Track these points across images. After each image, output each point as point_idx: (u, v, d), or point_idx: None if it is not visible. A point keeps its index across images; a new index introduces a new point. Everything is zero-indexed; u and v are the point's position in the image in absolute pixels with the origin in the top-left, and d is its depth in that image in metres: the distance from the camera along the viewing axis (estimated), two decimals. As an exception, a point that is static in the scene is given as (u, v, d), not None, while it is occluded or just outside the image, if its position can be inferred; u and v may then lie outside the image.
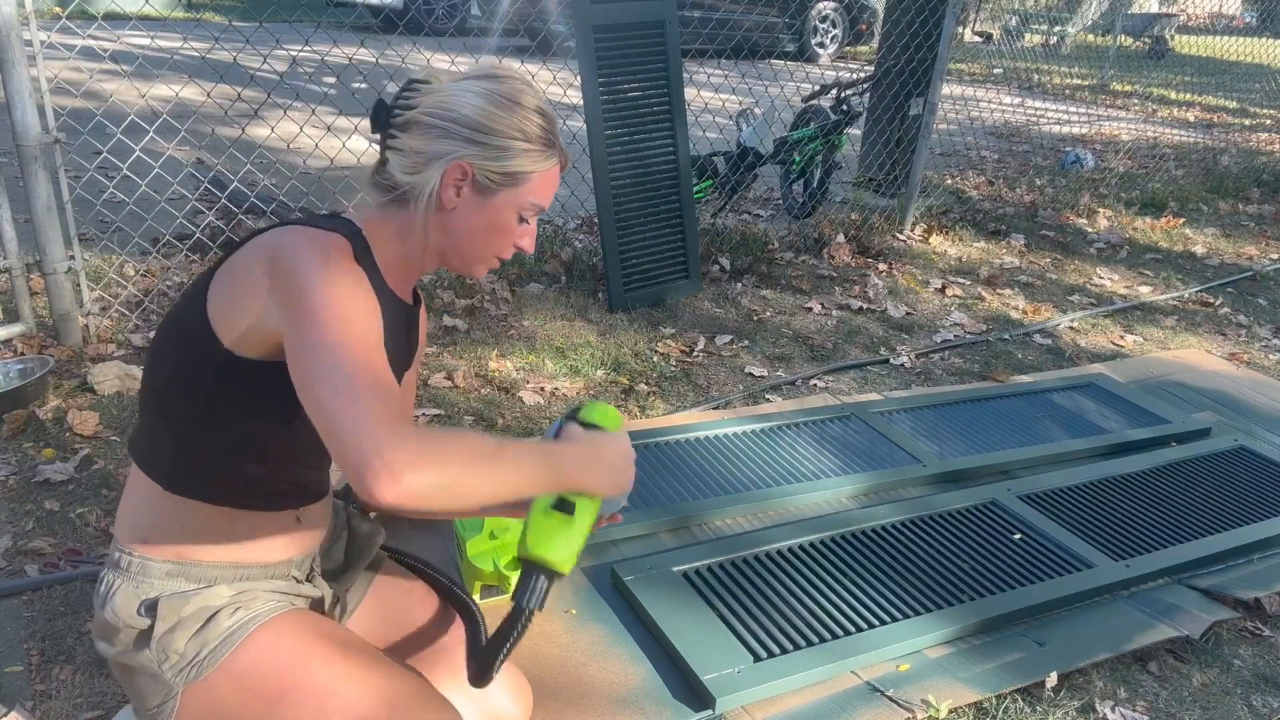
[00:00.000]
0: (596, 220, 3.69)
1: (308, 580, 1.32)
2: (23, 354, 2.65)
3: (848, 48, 10.81)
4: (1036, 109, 8.68)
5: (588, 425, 1.23)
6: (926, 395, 2.90)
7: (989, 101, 8.62)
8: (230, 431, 1.18)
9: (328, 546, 1.38)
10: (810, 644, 1.78)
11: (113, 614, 1.19)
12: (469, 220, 1.23)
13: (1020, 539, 2.18)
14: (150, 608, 1.18)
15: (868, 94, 4.85)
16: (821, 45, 10.43)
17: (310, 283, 1.07)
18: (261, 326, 1.11)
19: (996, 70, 10.80)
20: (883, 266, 4.09)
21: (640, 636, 1.81)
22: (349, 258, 1.14)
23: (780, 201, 4.84)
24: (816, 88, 4.66)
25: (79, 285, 2.79)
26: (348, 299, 1.07)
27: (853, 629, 1.84)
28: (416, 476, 0.94)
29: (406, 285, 1.32)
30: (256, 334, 1.12)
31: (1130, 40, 13.83)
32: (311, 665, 1.17)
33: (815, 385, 2.98)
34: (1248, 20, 15.60)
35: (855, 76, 4.83)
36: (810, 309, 3.58)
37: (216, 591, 1.20)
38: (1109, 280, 4.22)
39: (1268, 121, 9.09)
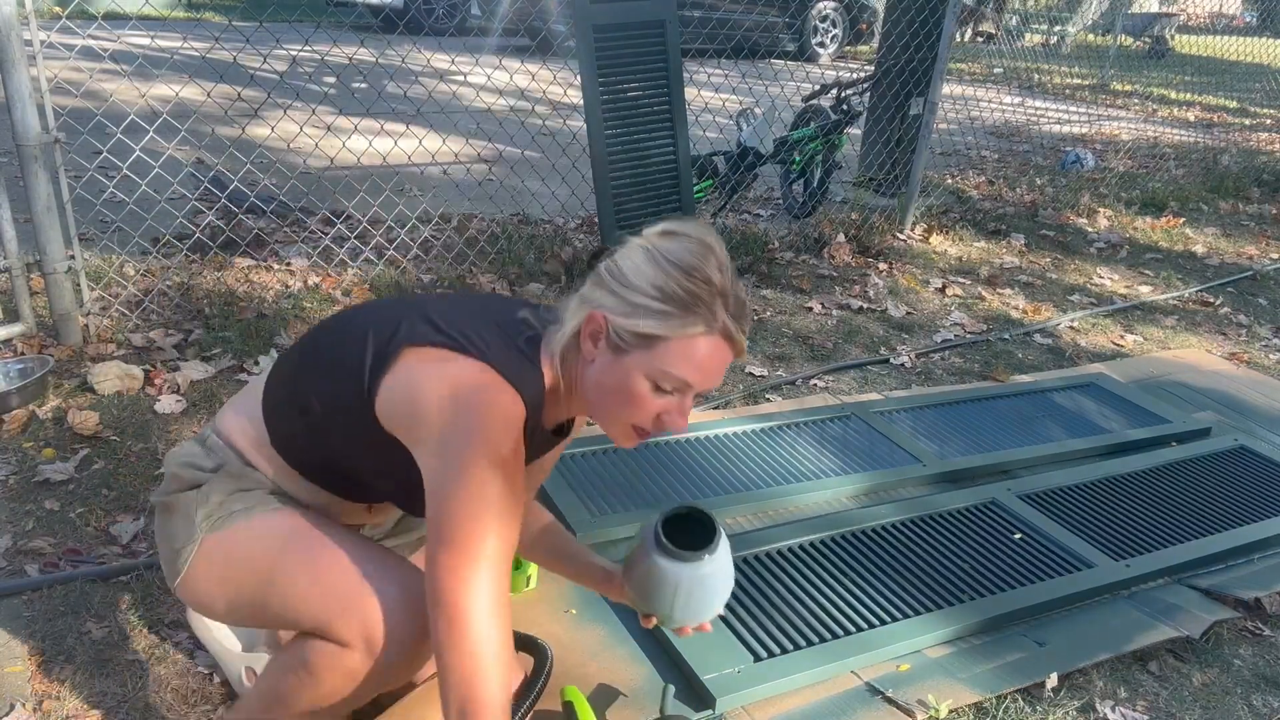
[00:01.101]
0: (596, 220, 3.69)
1: None
2: (23, 354, 2.65)
3: (848, 47, 10.81)
4: (1037, 109, 8.67)
5: (565, 703, 1.44)
6: (926, 395, 2.90)
7: (989, 101, 8.62)
8: (343, 452, 1.26)
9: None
10: (810, 644, 1.78)
11: (182, 462, 1.30)
12: (603, 378, 1.18)
13: (1020, 539, 2.18)
14: (215, 469, 1.29)
15: (868, 94, 4.85)
16: (821, 45, 10.43)
17: (472, 476, 1.10)
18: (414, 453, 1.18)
19: (997, 70, 10.80)
20: (883, 266, 4.09)
21: (640, 636, 1.81)
22: (520, 434, 1.16)
23: (780, 201, 4.84)
24: (817, 87, 4.66)
25: (79, 285, 2.79)
26: (499, 500, 1.11)
27: (853, 629, 1.83)
28: (458, 638, 1.08)
29: (556, 420, 1.32)
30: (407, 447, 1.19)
31: (1130, 40, 13.82)
32: (311, 543, 1.24)
33: (815, 385, 2.98)
34: (1248, 20, 15.60)
35: (855, 76, 4.83)
36: (810, 308, 3.58)
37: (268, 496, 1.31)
38: (1109, 280, 4.22)
39: (1268, 121, 9.09)
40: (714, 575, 1.35)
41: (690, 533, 1.37)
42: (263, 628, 1.37)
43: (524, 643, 1.57)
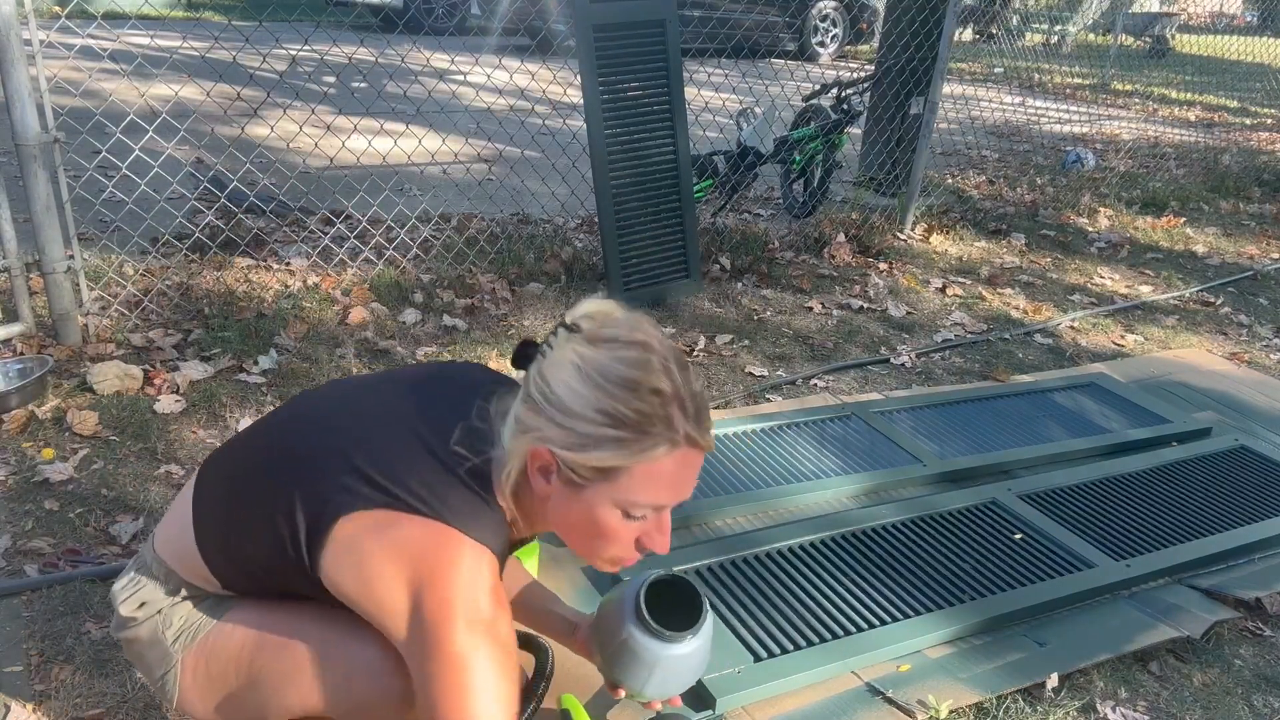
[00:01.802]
0: (596, 220, 3.69)
1: None
2: (22, 354, 2.64)
3: (848, 47, 10.81)
4: (1037, 108, 8.67)
5: (562, 710, 1.40)
6: (927, 395, 2.90)
7: (990, 101, 8.62)
8: (299, 594, 1.17)
9: None
10: (811, 644, 1.78)
11: (131, 596, 1.23)
12: (567, 515, 1.07)
13: (1021, 539, 2.17)
14: (166, 593, 1.23)
15: (868, 93, 4.85)
16: (822, 44, 10.42)
17: (451, 658, 1.00)
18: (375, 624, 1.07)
19: (997, 69, 10.80)
20: (883, 266, 4.09)
21: (640, 637, 1.81)
22: (497, 581, 1.05)
23: (780, 201, 4.84)
24: (817, 87, 4.66)
25: (78, 285, 2.78)
26: (490, 678, 1.01)
27: (853, 629, 1.83)
28: None
29: (520, 536, 1.20)
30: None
31: (1131, 39, 13.82)
32: (282, 632, 1.19)
33: (815, 385, 2.97)
34: (1248, 19, 15.59)
35: (856, 76, 4.82)
36: (811, 308, 3.58)
37: None
38: (1110, 280, 4.21)
39: (1269, 121, 9.09)
40: (695, 655, 1.28)
41: (673, 601, 1.30)
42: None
43: (524, 641, 1.56)
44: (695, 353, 3.12)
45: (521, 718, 1.33)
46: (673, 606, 1.30)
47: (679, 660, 1.26)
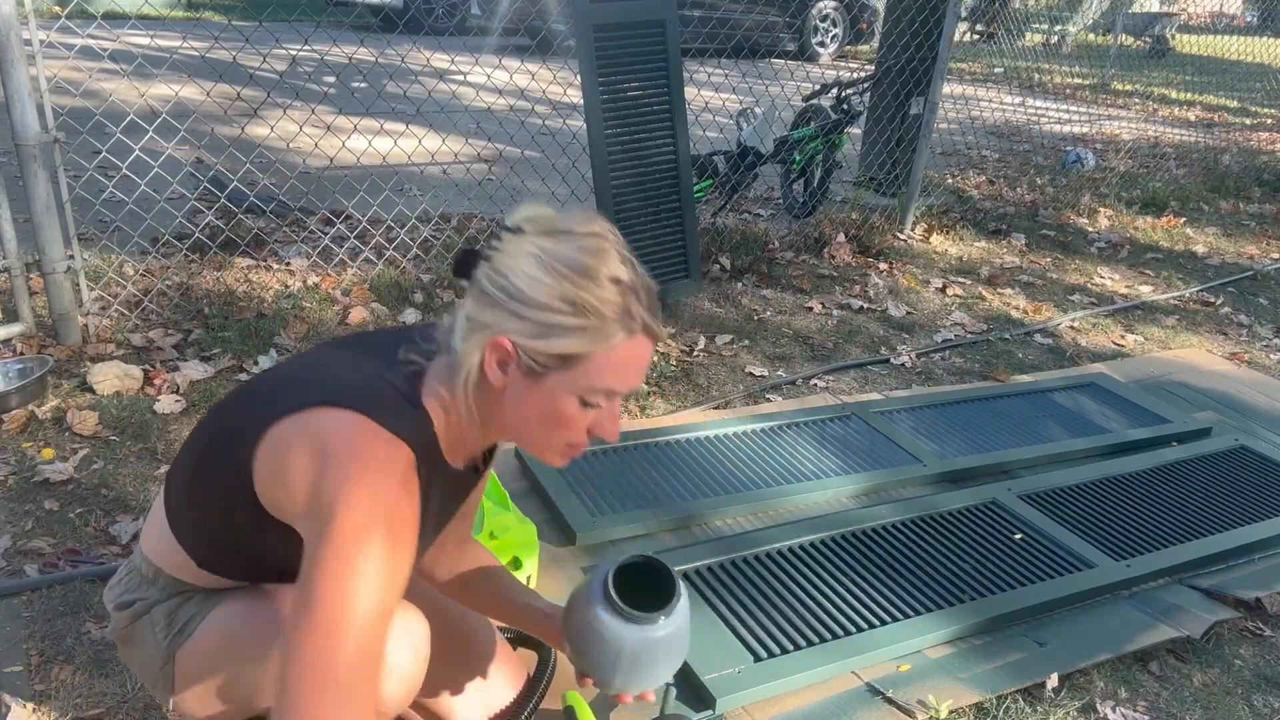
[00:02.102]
0: (596, 220, 3.68)
1: None
2: (22, 354, 2.64)
3: (848, 47, 10.81)
4: (1037, 108, 8.67)
5: (567, 707, 1.39)
6: (927, 395, 2.90)
7: (989, 101, 8.62)
8: (267, 554, 1.17)
9: None
10: (810, 644, 1.78)
11: (122, 596, 1.24)
12: (521, 406, 1.07)
13: (1021, 539, 2.17)
14: (155, 592, 1.24)
15: (868, 93, 4.85)
16: (822, 44, 10.42)
17: (342, 534, 0.97)
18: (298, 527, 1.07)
19: (997, 69, 10.80)
20: (883, 266, 4.09)
21: (640, 637, 1.81)
22: (408, 476, 1.03)
23: (780, 201, 4.84)
24: (817, 87, 4.66)
25: (78, 285, 2.78)
26: (375, 563, 0.97)
27: (853, 629, 1.83)
28: None
29: (468, 456, 1.20)
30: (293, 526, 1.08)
31: (1131, 39, 13.82)
32: (268, 601, 1.20)
33: (815, 385, 2.97)
34: (1249, 19, 15.59)
35: (856, 76, 4.82)
36: (811, 308, 3.58)
37: None
38: (1110, 280, 4.21)
39: (1269, 121, 9.09)
40: (667, 641, 1.18)
41: (647, 587, 1.21)
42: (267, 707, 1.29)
43: (527, 641, 1.56)
44: (695, 353, 3.12)
45: (525, 714, 1.33)
46: (647, 591, 1.22)
47: (649, 645, 1.17)
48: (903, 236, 4.47)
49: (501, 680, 1.40)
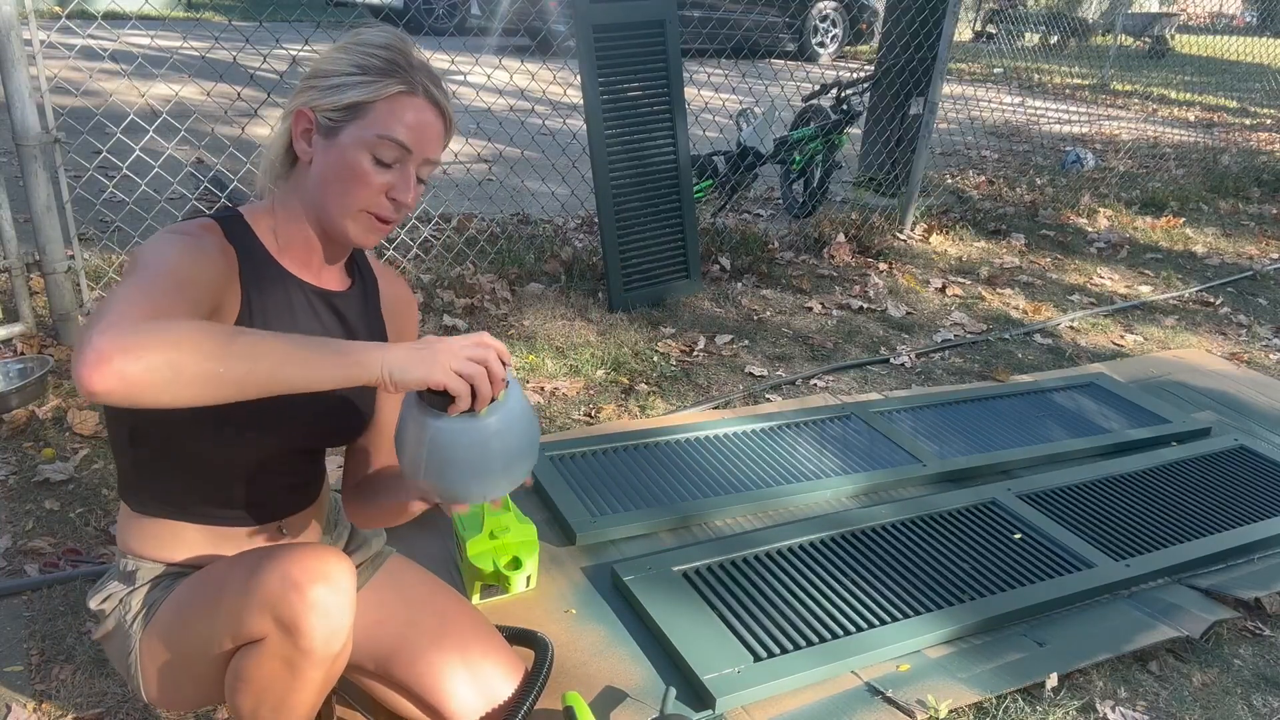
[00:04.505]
0: (596, 220, 3.69)
1: None
2: (22, 354, 2.64)
3: (848, 47, 10.81)
4: (1037, 108, 8.67)
5: (566, 707, 1.43)
6: (927, 395, 2.90)
7: (989, 101, 8.62)
8: (172, 451, 1.20)
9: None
10: (810, 644, 1.78)
11: (104, 596, 1.27)
12: (324, 169, 1.17)
13: (1020, 539, 2.18)
14: (130, 583, 1.27)
15: (868, 93, 4.85)
16: (822, 45, 10.42)
17: (141, 254, 1.06)
18: None
19: (997, 70, 10.80)
20: (883, 266, 4.09)
21: (640, 636, 1.81)
22: (210, 234, 1.16)
23: (780, 201, 4.84)
24: (817, 87, 4.66)
25: (79, 285, 2.79)
26: (170, 250, 1.06)
27: (853, 629, 1.83)
28: (129, 359, 0.85)
29: (318, 265, 1.25)
30: None
31: (1130, 40, 13.82)
32: (202, 577, 1.20)
33: (815, 385, 2.98)
34: (1248, 20, 15.60)
35: (855, 76, 4.82)
36: (810, 309, 3.58)
37: None
38: (1109, 280, 4.22)
39: (1268, 121, 9.09)
40: (482, 434, 1.06)
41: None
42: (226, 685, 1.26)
43: (524, 637, 1.56)
44: (695, 353, 3.12)
45: (522, 711, 1.33)
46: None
47: (456, 436, 1.05)
48: (902, 236, 4.48)
49: (500, 674, 1.40)
